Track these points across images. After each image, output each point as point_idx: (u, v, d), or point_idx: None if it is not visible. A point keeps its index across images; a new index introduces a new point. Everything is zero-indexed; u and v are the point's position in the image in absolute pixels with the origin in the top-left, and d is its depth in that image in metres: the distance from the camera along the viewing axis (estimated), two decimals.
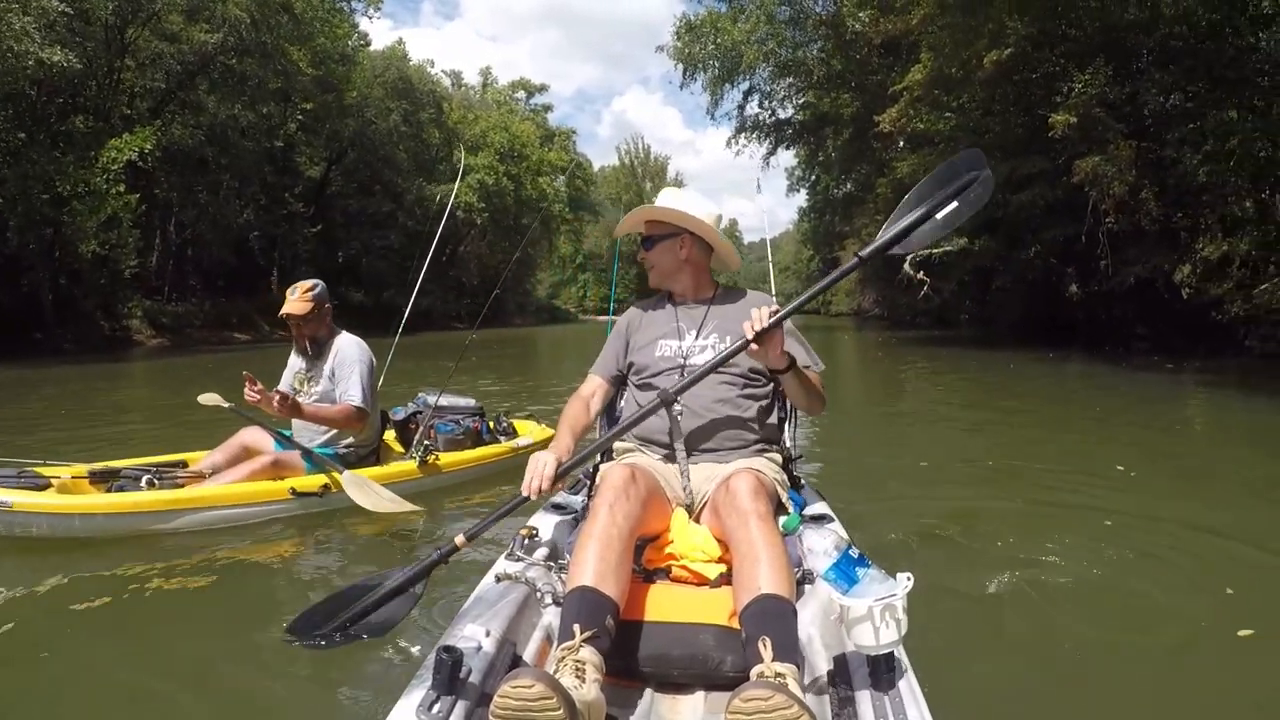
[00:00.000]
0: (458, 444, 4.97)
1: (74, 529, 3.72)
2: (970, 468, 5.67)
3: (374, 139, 38.93)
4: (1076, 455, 6.13)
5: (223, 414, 4.42)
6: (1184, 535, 3.92)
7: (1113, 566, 3.48)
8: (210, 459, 4.34)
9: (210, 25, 25.19)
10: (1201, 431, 8.03)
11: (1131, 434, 7.27)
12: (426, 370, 11.49)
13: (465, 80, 59.23)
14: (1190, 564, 3.51)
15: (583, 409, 2.62)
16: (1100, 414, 8.68)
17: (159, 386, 13.90)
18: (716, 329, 2.60)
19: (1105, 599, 3.11)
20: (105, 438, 7.21)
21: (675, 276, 2.71)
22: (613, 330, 2.83)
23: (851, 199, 39.55)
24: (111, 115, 23.44)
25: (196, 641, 2.83)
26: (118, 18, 22.77)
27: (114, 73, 23.95)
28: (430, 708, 1.50)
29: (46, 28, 17.95)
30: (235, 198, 30.14)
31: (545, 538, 2.35)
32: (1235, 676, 2.48)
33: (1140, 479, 5.21)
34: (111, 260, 22.02)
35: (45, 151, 19.95)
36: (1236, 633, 2.70)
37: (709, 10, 32.52)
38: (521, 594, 2.02)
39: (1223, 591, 3.08)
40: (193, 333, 27.09)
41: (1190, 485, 5.20)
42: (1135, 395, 10.53)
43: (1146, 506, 4.49)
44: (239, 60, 27.09)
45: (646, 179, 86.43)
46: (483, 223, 46.99)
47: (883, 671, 1.60)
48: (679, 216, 2.64)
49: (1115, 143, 15.66)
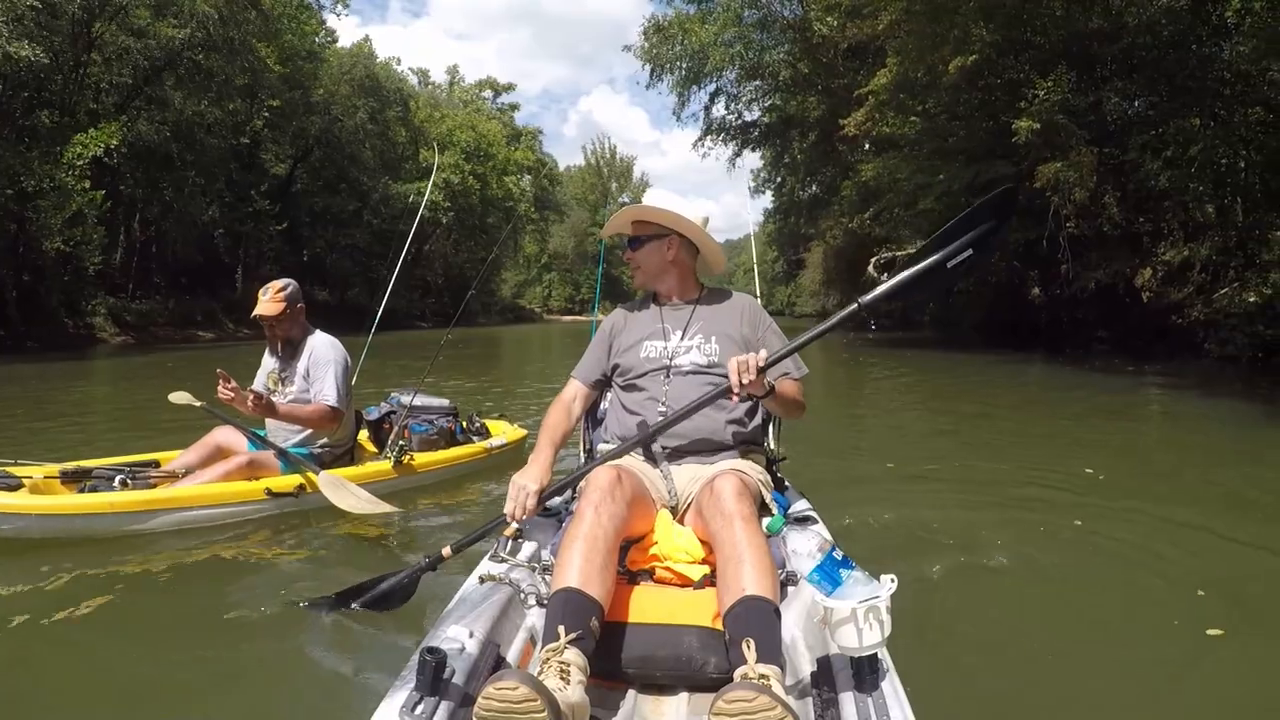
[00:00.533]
0: (432, 444, 4.96)
1: (48, 529, 3.67)
2: (946, 471, 5.70)
3: (340, 137, 38.76)
4: (1047, 458, 6.15)
5: (194, 413, 4.36)
6: (1153, 536, 3.97)
7: (1086, 568, 3.55)
8: (183, 459, 4.29)
9: (178, 21, 24.97)
10: (1165, 433, 8.15)
11: (1097, 436, 7.34)
12: (391, 370, 11.45)
13: (432, 78, 59.09)
14: (1161, 565, 3.55)
15: (564, 416, 2.62)
16: (1066, 416, 8.79)
17: (124, 385, 13.64)
18: (702, 330, 2.59)
19: (1081, 600, 3.17)
20: (71, 437, 7.12)
21: (661, 278, 2.70)
22: (596, 333, 2.82)
23: (817, 201, 39.92)
24: (77, 110, 23.16)
25: (174, 643, 2.82)
26: (85, 12, 22.50)
27: (80, 67, 23.64)
28: (414, 709, 1.50)
29: (14, 21, 17.77)
30: (201, 195, 29.70)
31: (529, 539, 2.37)
32: (1207, 676, 2.52)
33: (1108, 480, 5.27)
34: (76, 257, 21.70)
35: (10, 146, 19.66)
36: (1206, 631, 2.74)
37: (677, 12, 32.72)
38: (505, 595, 2.02)
39: (1194, 593, 3.12)
40: (157, 330, 26.71)
41: (1157, 487, 5.25)
42: (1099, 398, 10.65)
43: (1116, 508, 4.55)
44: (206, 56, 26.86)
45: (612, 179, 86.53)
46: (448, 222, 46.84)
47: (866, 673, 1.61)
48: (669, 217, 2.63)
49: (1077, 149, 15.98)
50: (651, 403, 2.51)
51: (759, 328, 2.62)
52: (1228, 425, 8.29)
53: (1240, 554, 3.74)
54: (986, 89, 19.00)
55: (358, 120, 39.49)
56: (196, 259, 32.23)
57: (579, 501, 2.10)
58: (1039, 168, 16.21)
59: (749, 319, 2.63)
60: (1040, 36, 17.75)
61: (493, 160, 51.79)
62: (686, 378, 2.51)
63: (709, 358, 2.53)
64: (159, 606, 3.17)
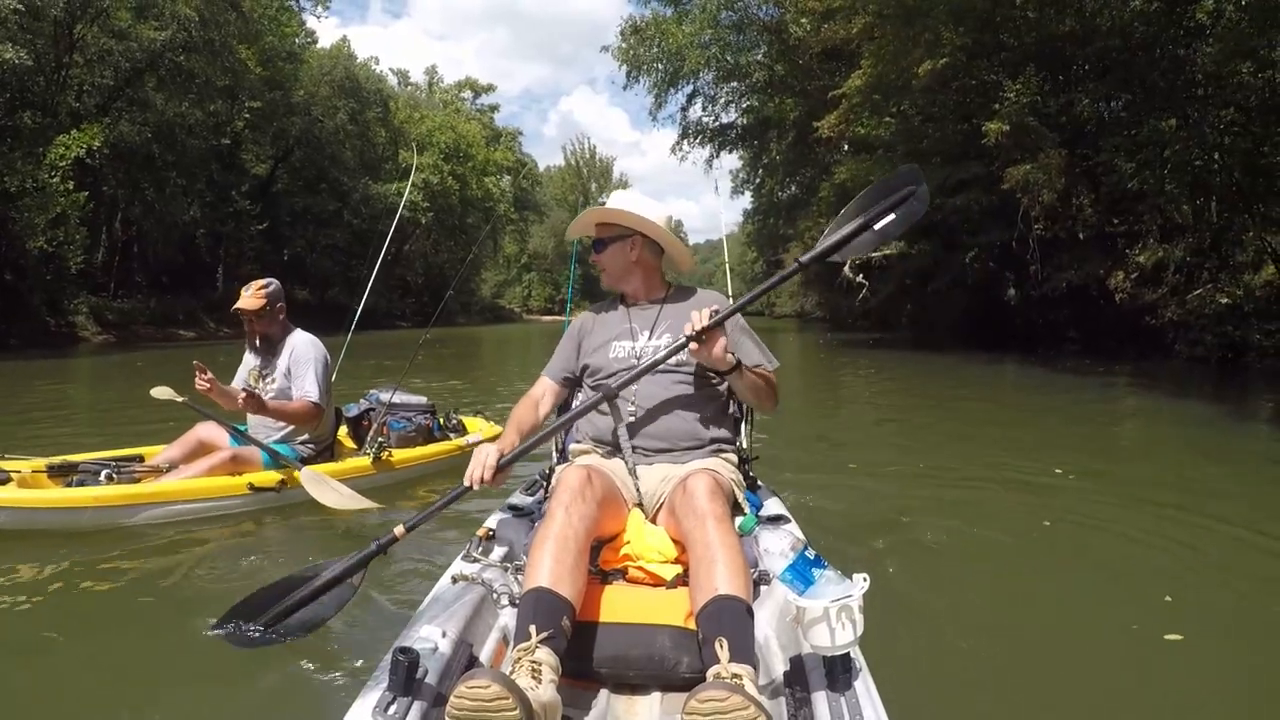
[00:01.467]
0: (410, 440, 5.06)
1: (36, 522, 3.73)
2: (916, 472, 5.68)
3: (320, 137, 38.90)
4: (1017, 458, 6.11)
5: (176, 408, 4.35)
6: (1123, 538, 3.99)
7: (1055, 569, 3.58)
8: (167, 454, 4.35)
9: (159, 23, 25.13)
10: (1135, 435, 8.18)
11: (1067, 437, 7.35)
12: (366, 370, 11.49)
13: (412, 79, 59.23)
14: (1129, 568, 3.57)
15: (531, 410, 2.63)
16: (1037, 417, 8.82)
17: (106, 382, 13.67)
18: (670, 329, 2.59)
19: (1050, 602, 3.20)
20: (56, 432, 7.17)
21: (626, 278, 2.70)
22: (565, 333, 2.82)
23: (796, 202, 39.94)
24: (59, 111, 23.27)
25: (148, 638, 2.87)
26: (67, 14, 22.61)
27: (62, 69, 23.74)
28: (386, 709, 1.50)
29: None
30: (182, 195, 29.85)
31: (502, 539, 2.37)
32: (1165, 680, 2.57)
33: (1079, 481, 5.29)
34: (58, 257, 21.81)
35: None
36: (1164, 636, 2.76)
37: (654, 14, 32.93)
38: (478, 595, 2.02)
39: (1161, 598, 3.14)
40: (138, 329, 26.83)
41: (1127, 488, 5.22)
42: (1070, 398, 10.68)
43: (1085, 509, 4.56)
44: (187, 58, 27.01)
45: (592, 179, 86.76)
46: (428, 222, 46.96)
47: (839, 672, 1.61)
48: (629, 218, 2.63)
49: (1045, 151, 16.22)
50: (621, 402, 2.49)
51: (728, 324, 2.54)
52: (1196, 427, 8.30)
53: (1208, 558, 3.74)
54: (961, 90, 19.18)
55: (338, 121, 39.59)
56: (178, 258, 32.37)
57: (549, 501, 2.11)
58: (1007, 169, 16.42)
59: None
60: (1013, 39, 17.95)
61: (472, 161, 51.96)
62: (655, 376, 2.49)
63: (677, 356, 2.51)
64: (137, 600, 3.20)
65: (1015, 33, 17.79)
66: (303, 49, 37.80)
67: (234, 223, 34.25)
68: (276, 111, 34.80)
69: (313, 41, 40.03)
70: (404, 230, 46.13)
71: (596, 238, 2.71)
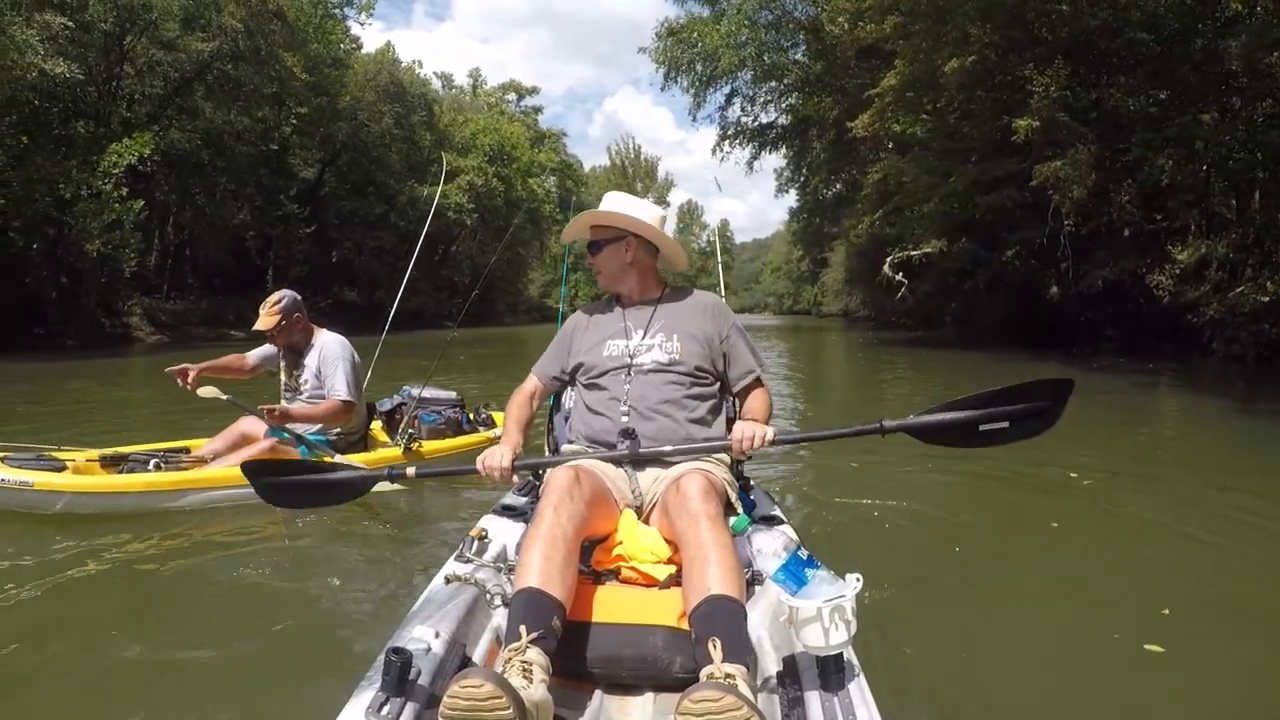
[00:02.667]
0: (439, 433, 5.29)
1: (89, 506, 4.08)
2: (926, 471, 5.64)
3: (367, 142, 39.35)
4: (1030, 460, 5.95)
5: (220, 405, 4.64)
6: (1129, 544, 3.97)
7: (1058, 574, 3.56)
8: (211, 445, 4.70)
9: (206, 34, 25.75)
10: (1157, 436, 7.88)
11: (1087, 438, 7.03)
12: (400, 370, 11.57)
13: (456, 82, 59.81)
14: (1131, 575, 3.54)
15: (526, 405, 2.72)
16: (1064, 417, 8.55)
17: (157, 380, 13.97)
18: (663, 328, 2.61)
19: (1049, 607, 3.20)
20: (109, 427, 7.58)
21: (622, 279, 2.72)
22: (558, 333, 2.85)
23: (840, 200, 39.81)
24: (111, 120, 23.98)
25: (159, 626, 3.00)
26: (116, 26, 23.29)
27: (113, 79, 24.45)
28: (379, 709, 1.51)
29: (49, 39, 18.42)
30: (232, 199, 30.65)
31: (495, 540, 2.39)
32: (1149, 691, 2.58)
33: (1093, 484, 5.22)
34: (113, 260, 22.45)
35: (48, 156, 20.46)
36: (1144, 647, 2.75)
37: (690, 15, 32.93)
38: (471, 595, 2.02)
39: (1157, 609, 3.08)
40: (191, 329, 27.50)
41: (1141, 494, 5.12)
42: (1095, 397, 10.37)
43: (1096, 512, 4.53)
44: (234, 66, 27.65)
45: (637, 179, 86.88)
46: (473, 223, 47.43)
47: (832, 672, 1.62)
48: (623, 220, 2.65)
49: (1075, 147, 16.03)
50: (614, 402, 2.52)
51: (723, 326, 2.67)
52: (1222, 429, 8.06)
53: (1213, 569, 3.67)
54: (997, 87, 19.04)
55: (383, 125, 40.01)
56: (228, 261, 33.14)
57: (539, 502, 2.12)
58: (1037, 167, 16.31)
59: (712, 316, 2.67)
60: (1048, 32, 17.72)
61: (516, 163, 52.35)
62: (648, 376, 2.53)
63: (670, 355, 2.56)
64: (174, 578, 3.43)
65: (1050, 26, 17.52)
66: (348, 54, 38.39)
67: (283, 226, 34.86)
68: (323, 117, 35.38)
69: (358, 47, 40.58)
70: (450, 232, 46.70)
71: (591, 240, 2.74)
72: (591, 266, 2.76)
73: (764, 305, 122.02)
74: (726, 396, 2.71)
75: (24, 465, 4.11)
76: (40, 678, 2.64)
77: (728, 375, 2.66)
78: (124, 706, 2.45)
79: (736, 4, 30.43)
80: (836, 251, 49.61)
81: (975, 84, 18.55)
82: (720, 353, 2.63)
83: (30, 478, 3.98)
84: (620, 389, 2.52)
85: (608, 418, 2.51)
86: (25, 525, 3.99)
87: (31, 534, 3.91)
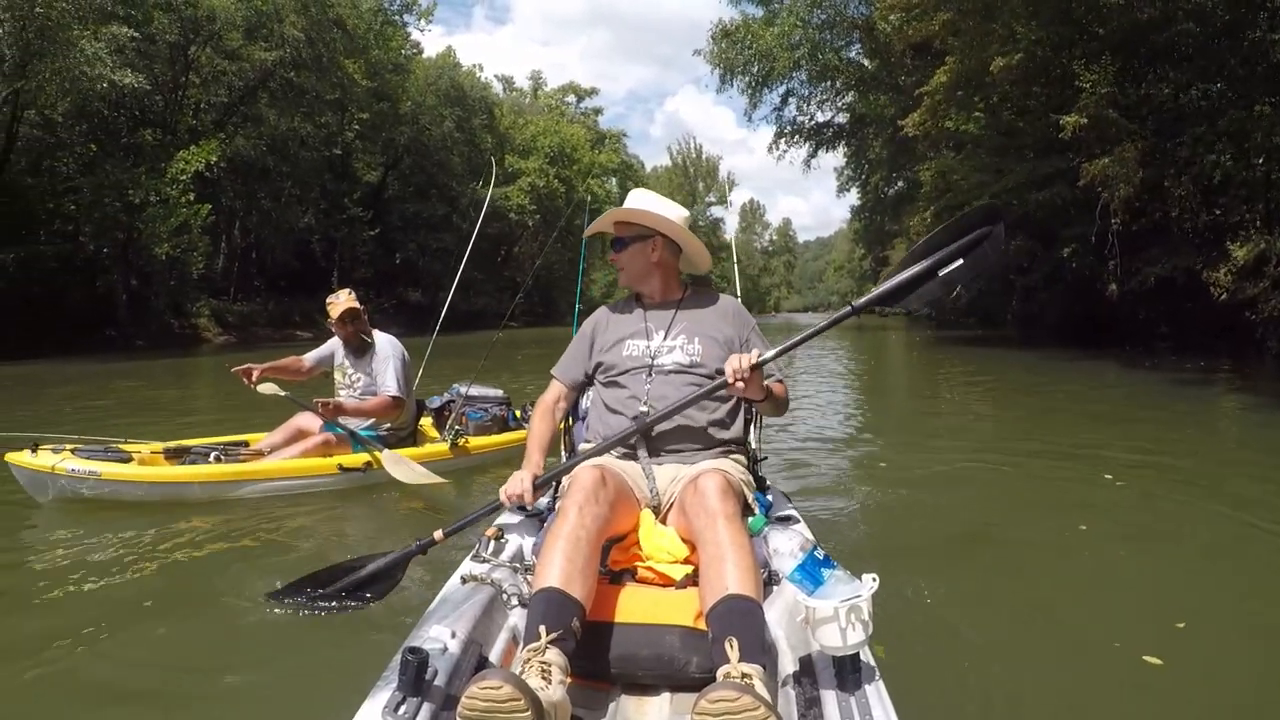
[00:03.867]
0: (486, 429, 5.47)
1: (153, 495, 4.32)
2: (941, 469, 5.59)
3: (428, 145, 40.08)
4: (1064, 461, 5.89)
5: (279, 402, 4.94)
6: (1158, 549, 3.87)
7: (1083, 578, 3.46)
8: (268, 440, 4.93)
9: (268, 43, 26.68)
10: (1205, 440, 7.31)
11: (1131, 439, 6.80)
12: (450, 371, 11.64)
13: (516, 84, 60.64)
14: (1156, 583, 3.43)
15: (549, 421, 2.66)
16: (1101, 417, 8.25)
17: (222, 379, 14.36)
18: (685, 330, 2.58)
19: (1072, 612, 3.10)
20: (176, 422, 7.94)
21: (646, 279, 2.69)
22: (577, 333, 2.80)
23: (902, 197, 39.30)
24: (178, 128, 25.05)
25: (194, 620, 3.07)
26: (181, 37, 24.27)
27: (179, 89, 25.53)
28: (396, 709, 1.50)
29: (116, 51, 19.25)
30: (297, 203, 31.80)
31: (511, 539, 2.37)
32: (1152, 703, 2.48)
33: (1127, 487, 5.04)
34: (181, 263, 23.35)
35: (117, 163, 21.50)
36: (1143, 658, 2.65)
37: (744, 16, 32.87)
38: (487, 595, 2.01)
39: (1173, 624, 2.93)
40: (257, 330, 28.50)
41: (1180, 495, 4.89)
42: (1140, 397, 10.09)
43: (1128, 516, 4.40)
44: (297, 74, 28.55)
45: (699, 178, 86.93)
46: (535, 225, 48.04)
47: (848, 672, 1.61)
48: (650, 218, 2.62)
49: (1122, 144, 15.73)
50: (633, 401, 2.49)
51: (743, 329, 2.62)
52: (1269, 433, 7.59)
53: (1240, 577, 3.52)
54: (1051, 83, 18.68)
55: (445, 129, 40.66)
56: (294, 263, 34.19)
57: (562, 500, 2.10)
58: (1084, 165, 16.02)
59: (733, 320, 2.64)
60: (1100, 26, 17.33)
61: (577, 164, 52.90)
62: (669, 377, 2.50)
63: (691, 357, 2.53)
64: (187, 578, 3.49)
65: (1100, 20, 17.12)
66: (408, 60, 39.20)
67: (347, 228, 35.84)
68: (385, 122, 36.28)
69: (418, 52, 41.36)
70: (512, 233, 47.39)
71: (616, 236, 2.69)
72: (614, 263, 2.73)
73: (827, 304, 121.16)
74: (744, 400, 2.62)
75: (92, 456, 4.34)
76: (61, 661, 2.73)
77: None
78: (139, 701, 2.48)
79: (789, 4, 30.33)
80: (896, 250, 48.87)
81: (1029, 80, 18.24)
82: None
83: (98, 468, 4.25)
84: (640, 388, 2.50)
85: (626, 416, 2.48)
86: (89, 511, 4.24)
87: (89, 520, 4.16)
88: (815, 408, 9.08)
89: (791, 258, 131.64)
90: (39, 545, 3.94)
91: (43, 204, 20.69)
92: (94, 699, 2.49)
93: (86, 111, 20.74)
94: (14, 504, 4.39)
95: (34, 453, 4.26)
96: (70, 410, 9.34)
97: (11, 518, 4.30)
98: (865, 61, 29.92)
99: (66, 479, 4.21)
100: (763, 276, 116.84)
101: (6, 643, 2.87)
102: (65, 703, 2.49)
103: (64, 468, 4.20)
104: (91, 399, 10.54)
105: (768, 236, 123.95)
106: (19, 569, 3.62)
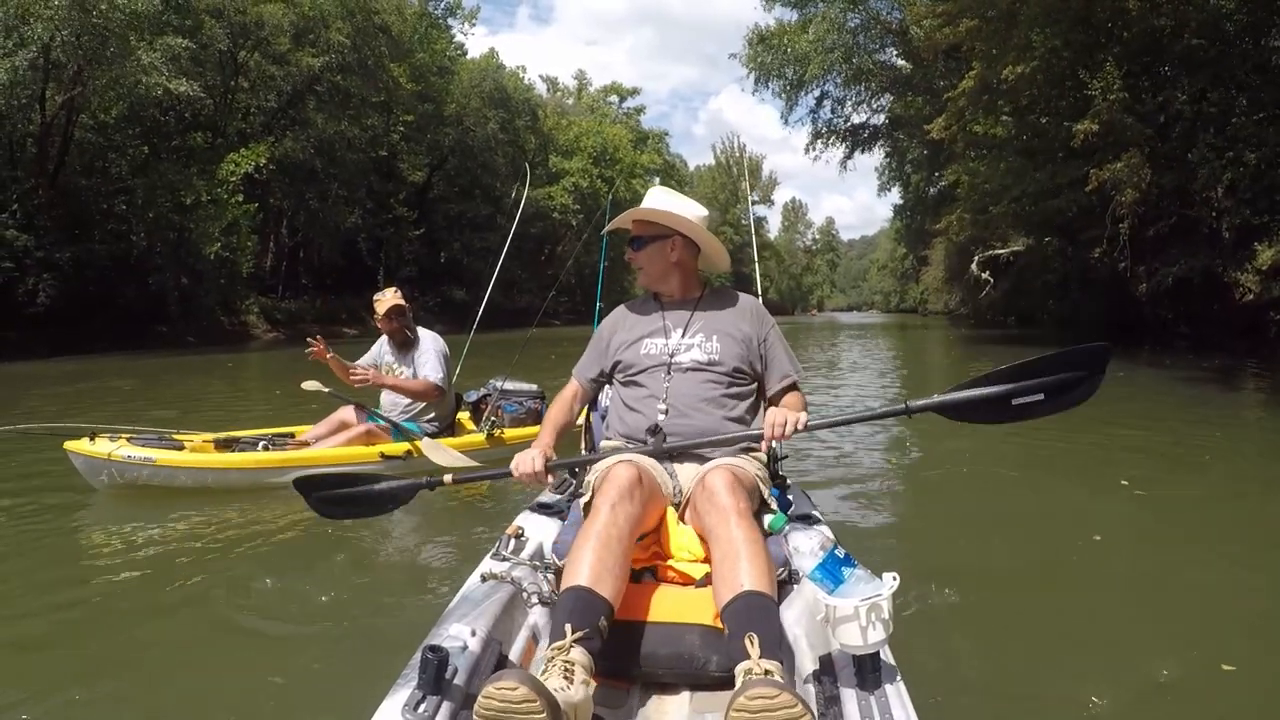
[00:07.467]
0: (521, 421, 5.64)
1: (204, 481, 4.61)
2: (961, 469, 5.60)
3: (473, 146, 40.64)
4: (1082, 465, 5.82)
5: (323, 397, 5.12)
6: (1173, 558, 3.78)
7: (1096, 582, 3.43)
8: (313, 431, 5.14)
9: (315, 49, 27.50)
10: (1222, 444, 6.89)
11: (1153, 444, 6.66)
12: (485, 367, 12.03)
13: (560, 84, 61.18)
14: (1169, 593, 3.35)
15: (566, 411, 2.64)
16: (1125, 419, 7.74)
17: (271, 374, 15.16)
18: (703, 328, 2.56)
19: (1083, 613, 3.08)
20: (225, 415, 8.31)
21: (665, 279, 2.66)
22: (595, 333, 2.79)
23: (943, 197, 39.20)
24: (228, 132, 26.04)
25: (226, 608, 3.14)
26: (230, 44, 25.15)
27: (229, 93, 26.49)
28: (416, 707, 1.50)
29: (171, 60, 20.02)
30: (343, 204, 32.55)
31: (531, 538, 2.36)
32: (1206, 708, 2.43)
33: (1145, 493, 4.92)
34: (231, 261, 24.13)
35: (170, 164, 22.37)
36: (1222, 665, 2.59)
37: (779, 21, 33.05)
38: (507, 593, 2.00)
39: (1193, 634, 2.88)
40: (305, 327, 28.84)
41: (1198, 503, 4.81)
42: (1160, 399, 9.76)
43: (1145, 523, 4.36)
44: (343, 78, 29.40)
45: (742, 177, 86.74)
46: (578, 224, 48.53)
47: (868, 671, 1.60)
48: (670, 218, 2.59)
49: (1130, 151, 15.96)
50: (652, 400, 2.47)
51: (762, 329, 2.62)
52: None
53: (1243, 590, 3.40)
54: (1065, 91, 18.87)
55: (489, 130, 41.20)
56: (340, 262, 35.05)
57: (596, 498, 2.06)
58: (1092, 171, 16.29)
59: (751, 319, 2.63)
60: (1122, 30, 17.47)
61: (619, 164, 53.31)
62: (687, 375, 2.48)
63: (709, 355, 2.51)
64: (212, 572, 3.54)
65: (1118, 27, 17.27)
66: (453, 62, 39.89)
67: (393, 228, 36.68)
68: (430, 123, 37.09)
69: (462, 54, 42.03)
70: (556, 232, 47.87)
71: (635, 235, 2.66)
72: (632, 262, 2.69)
73: (870, 303, 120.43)
74: (763, 398, 2.64)
75: (148, 444, 4.62)
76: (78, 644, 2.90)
77: (765, 378, 2.61)
78: (158, 692, 2.55)
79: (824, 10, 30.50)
80: (935, 249, 48.61)
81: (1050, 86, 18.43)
82: (759, 355, 2.58)
83: (153, 455, 4.53)
84: (659, 387, 2.48)
85: (645, 415, 2.46)
86: (141, 497, 4.56)
87: (141, 503, 4.48)
88: (849, 400, 9.33)
89: (835, 256, 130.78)
90: (93, 527, 4.29)
91: (96, 204, 21.36)
92: (126, 683, 2.61)
93: (139, 115, 21.48)
94: (71, 489, 4.70)
95: (92, 441, 4.54)
96: (124, 404, 9.75)
97: (68, 504, 4.61)
98: (901, 63, 29.91)
99: (120, 465, 4.49)
100: (805, 275, 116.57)
101: (57, 621, 3.08)
102: (95, 682, 2.60)
103: (120, 454, 4.48)
104: (144, 393, 10.98)
105: (810, 235, 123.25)
106: (73, 551, 3.94)
